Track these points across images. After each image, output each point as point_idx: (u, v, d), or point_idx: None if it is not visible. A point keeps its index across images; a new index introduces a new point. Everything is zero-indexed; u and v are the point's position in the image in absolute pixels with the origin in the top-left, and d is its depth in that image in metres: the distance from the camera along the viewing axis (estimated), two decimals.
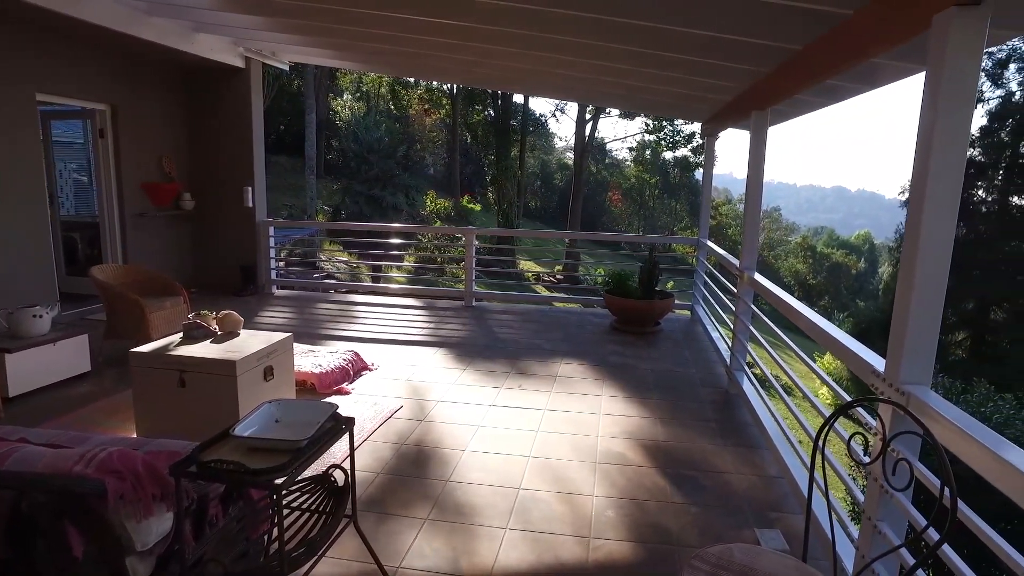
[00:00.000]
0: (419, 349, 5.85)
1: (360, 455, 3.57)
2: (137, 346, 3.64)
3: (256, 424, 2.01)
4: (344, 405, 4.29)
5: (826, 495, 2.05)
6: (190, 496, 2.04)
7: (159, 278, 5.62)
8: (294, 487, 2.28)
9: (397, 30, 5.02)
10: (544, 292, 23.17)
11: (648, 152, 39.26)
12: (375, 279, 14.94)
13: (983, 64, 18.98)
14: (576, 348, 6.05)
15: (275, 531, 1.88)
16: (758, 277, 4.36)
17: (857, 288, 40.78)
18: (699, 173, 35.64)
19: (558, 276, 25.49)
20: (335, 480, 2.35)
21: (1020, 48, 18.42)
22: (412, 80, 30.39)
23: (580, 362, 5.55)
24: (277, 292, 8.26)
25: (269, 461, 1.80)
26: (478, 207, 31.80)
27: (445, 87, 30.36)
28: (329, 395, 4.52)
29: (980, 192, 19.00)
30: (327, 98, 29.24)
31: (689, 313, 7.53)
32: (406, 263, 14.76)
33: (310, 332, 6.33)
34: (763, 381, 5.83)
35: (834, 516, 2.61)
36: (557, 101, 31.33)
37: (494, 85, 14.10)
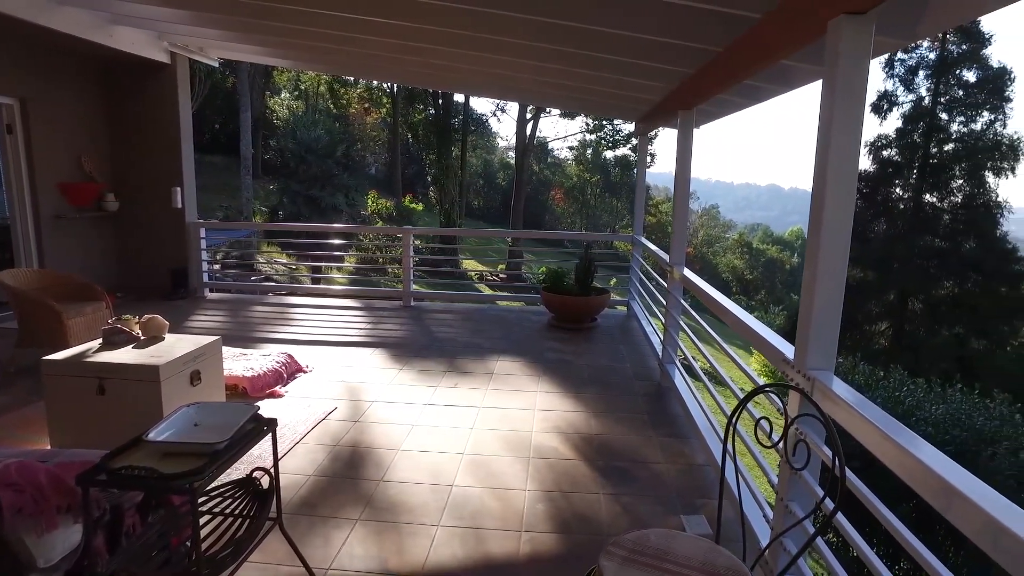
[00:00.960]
0: (356, 350, 5.79)
1: (292, 458, 3.52)
2: (52, 354, 3.49)
3: (173, 428, 1.97)
4: (277, 408, 4.21)
5: (738, 477, 2.14)
6: (101, 506, 1.97)
7: (78, 283, 5.38)
8: (215, 491, 2.23)
9: (328, 27, 4.95)
10: (487, 291, 23.20)
11: (589, 151, 39.83)
12: (315, 281, 14.67)
13: (896, 71, 20.15)
14: (514, 346, 6.10)
15: (198, 536, 1.84)
16: (687, 272, 4.49)
17: (791, 282, 42.35)
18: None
19: (501, 275, 25.58)
20: (260, 483, 2.31)
21: (928, 57, 19.51)
22: (352, 79, 29.94)
23: (517, 359, 5.60)
24: (210, 295, 8.01)
25: (184, 465, 1.76)
26: (420, 207, 31.58)
27: (385, 86, 30.04)
28: (262, 398, 4.43)
29: (897, 190, 20.04)
30: (263, 96, 28.50)
31: (626, 309, 7.69)
32: (347, 264, 14.54)
33: (244, 335, 6.18)
34: (694, 372, 6.00)
35: (753, 498, 2.74)
36: (498, 101, 31.40)
37: (430, 84, 14.04)
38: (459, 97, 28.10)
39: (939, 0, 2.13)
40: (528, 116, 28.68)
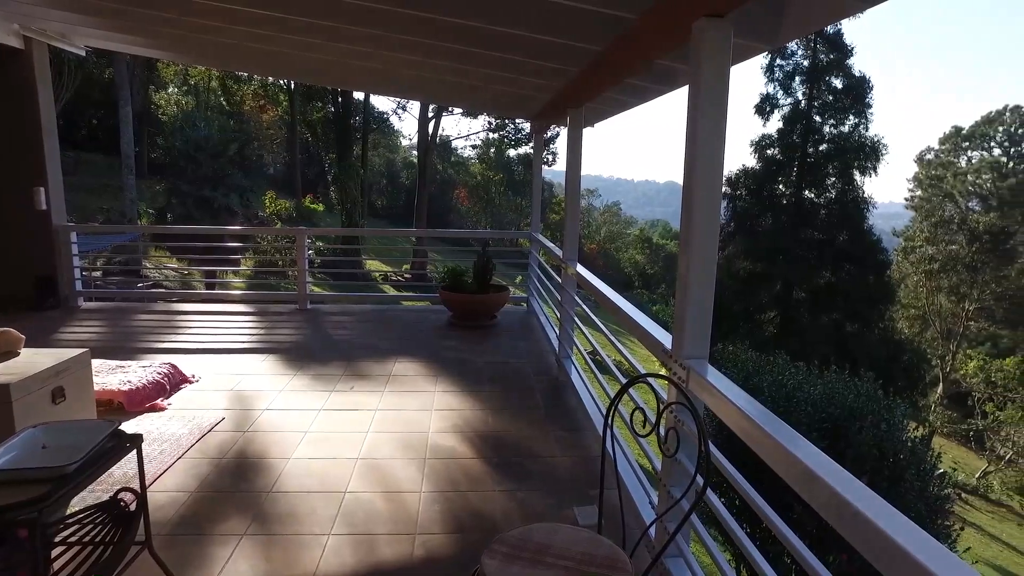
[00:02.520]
0: (248, 357, 5.53)
1: (173, 475, 3.31)
2: None
3: (13, 453, 1.79)
4: (159, 422, 3.96)
5: (616, 468, 2.20)
6: None
7: None
8: (72, 517, 2.06)
9: (207, 18, 4.68)
10: (392, 292, 22.88)
11: (493, 150, 40.05)
12: (209, 286, 13.92)
13: (776, 75, 21.51)
14: (412, 346, 6.03)
15: (42, 571, 1.68)
16: (579, 268, 4.58)
17: None
18: (542, 170, 36.83)
19: (406, 275, 25.26)
20: (126, 505, 2.15)
21: (802, 64, 20.98)
22: (245, 74, 28.60)
23: (415, 359, 5.53)
24: (86, 305, 7.40)
25: (25, 493, 1.60)
26: (321, 207, 30.69)
27: (282, 83, 28.91)
28: (141, 413, 4.15)
29: (780, 187, 21.43)
30: (147, 90, 26.71)
31: (525, 305, 7.77)
32: (243, 268, 13.90)
33: (124, 346, 5.76)
34: (591, 366, 6.14)
35: (640, 485, 2.83)
36: (398, 99, 30.95)
37: (324, 81, 13.63)
38: (360, 95, 27.52)
39: (794, 7, 2.27)
40: (430, 115, 28.43)
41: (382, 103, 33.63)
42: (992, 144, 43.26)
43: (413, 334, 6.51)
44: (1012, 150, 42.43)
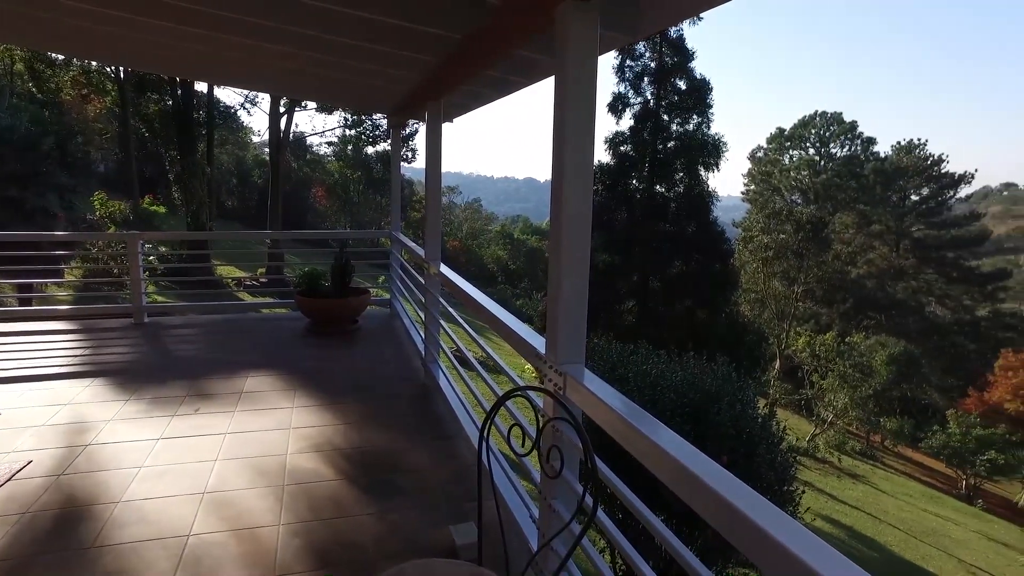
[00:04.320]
0: (67, 383, 4.77)
1: None
2: None
3: None
4: None
5: (491, 478, 2.03)
6: None
7: None
8: None
9: None
10: (249, 298, 21.48)
11: (350, 147, 38.80)
12: (22, 301, 12.14)
13: (627, 75, 22.54)
14: (267, 357, 5.53)
15: None
16: (443, 269, 4.37)
17: None
18: (402, 167, 36.23)
19: (262, 279, 23.77)
20: None
21: (650, 66, 22.16)
22: (61, 57, 25.37)
23: (270, 373, 5.06)
24: None
25: None
26: (163, 209, 28.01)
27: (110, 70, 25.99)
28: None
29: (634, 182, 22.50)
30: None
31: (389, 308, 7.45)
32: (67, 279, 12.28)
33: None
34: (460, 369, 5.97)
35: (520, 500, 2.68)
36: (246, 92, 29.02)
37: (155, 68, 12.37)
38: (202, 86, 25.39)
39: None
40: (282, 109, 26.87)
41: (228, 96, 31.45)
42: (807, 144, 48.52)
43: (268, 345, 5.99)
44: (823, 150, 47.86)
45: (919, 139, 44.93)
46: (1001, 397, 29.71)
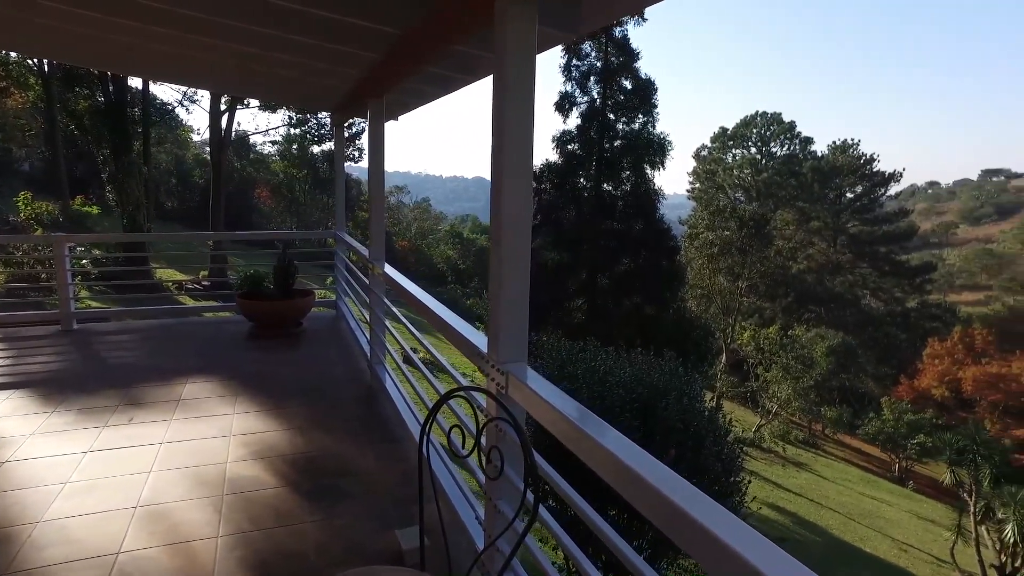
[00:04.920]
0: None
1: None
2: None
3: None
4: None
5: (432, 481, 2.00)
6: None
7: None
8: None
9: None
10: (191, 302, 20.81)
11: (295, 146, 37.96)
12: None
13: (574, 75, 22.72)
14: (207, 362, 5.34)
15: None
16: (387, 268, 4.31)
17: None
18: (348, 166, 35.81)
19: (204, 282, 23.03)
20: None
21: (596, 65, 22.39)
22: None
23: (211, 379, 4.88)
24: None
25: None
26: (96, 210, 26.83)
27: (32, 62, 24.66)
28: None
29: (582, 180, 22.71)
30: None
31: (335, 309, 7.30)
32: None
33: None
34: (411, 366, 5.91)
35: (465, 499, 2.66)
36: (186, 88, 28.05)
37: (82, 61, 11.82)
38: (136, 82, 24.37)
39: None
40: (223, 107, 26.06)
41: (166, 92, 30.28)
42: (749, 144, 49.97)
43: (208, 349, 5.78)
44: (764, 149, 49.39)
45: (853, 139, 46.83)
46: (929, 384, 31.30)
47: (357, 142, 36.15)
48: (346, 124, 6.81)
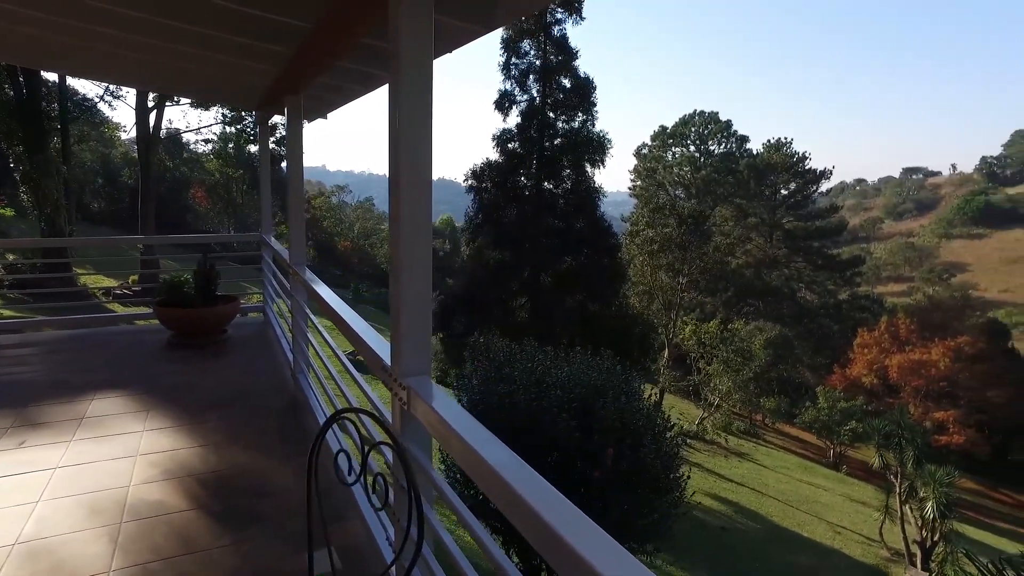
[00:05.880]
0: None
1: None
2: None
3: None
4: None
5: (319, 509, 1.87)
6: None
7: None
8: None
9: None
10: (121, 309, 19.96)
11: (231, 145, 36.73)
12: None
13: (513, 73, 22.66)
14: (119, 376, 5.01)
15: None
16: (306, 272, 4.12)
17: (444, 267, 45.25)
18: (285, 166, 35.01)
19: (135, 288, 22.01)
20: None
21: (535, 64, 22.40)
22: None
23: (121, 393, 4.57)
24: None
25: None
26: (10, 212, 25.27)
27: None
28: None
29: (522, 179, 22.70)
30: None
31: (263, 315, 7.02)
32: None
33: None
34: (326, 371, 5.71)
35: (377, 518, 2.52)
36: (102, 83, 26.67)
37: None
38: (53, 76, 23.01)
39: None
40: (151, 103, 24.92)
41: (86, 87, 28.72)
42: (688, 142, 51.09)
43: (122, 361, 5.43)
44: (702, 147, 50.60)
45: (786, 138, 48.43)
46: (859, 372, 32.73)
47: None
48: (277, 122, 6.53)
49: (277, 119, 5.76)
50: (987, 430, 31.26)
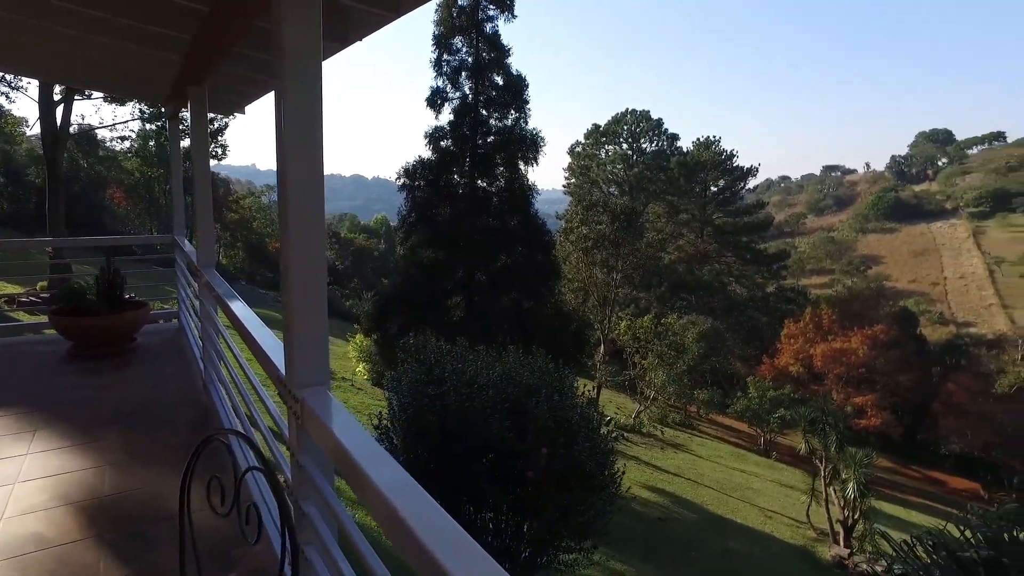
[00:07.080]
0: None
1: None
2: None
3: None
4: None
5: (190, 537, 1.68)
6: None
7: None
8: None
9: None
10: (27, 318, 18.65)
11: (152, 143, 35.00)
12: None
13: (445, 70, 22.38)
14: (8, 393, 4.57)
15: None
16: (213, 274, 3.84)
17: (381, 268, 44.55)
18: (216, 165, 33.54)
19: (43, 295, 20.62)
20: None
21: (467, 60, 22.20)
22: None
23: (6, 413, 4.17)
24: None
25: None
26: None
27: None
28: None
29: (456, 177, 22.46)
30: None
31: (177, 322, 6.61)
32: None
33: None
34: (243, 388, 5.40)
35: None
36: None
37: None
38: None
39: None
40: (58, 97, 23.35)
41: None
42: (621, 140, 51.97)
43: (8, 377, 4.96)
44: (634, 145, 51.56)
45: (714, 136, 49.90)
46: (787, 362, 34.13)
47: (220, 138, 33.86)
48: (212, 118, 6.16)
49: (186, 114, 5.44)
50: (899, 412, 33.20)
